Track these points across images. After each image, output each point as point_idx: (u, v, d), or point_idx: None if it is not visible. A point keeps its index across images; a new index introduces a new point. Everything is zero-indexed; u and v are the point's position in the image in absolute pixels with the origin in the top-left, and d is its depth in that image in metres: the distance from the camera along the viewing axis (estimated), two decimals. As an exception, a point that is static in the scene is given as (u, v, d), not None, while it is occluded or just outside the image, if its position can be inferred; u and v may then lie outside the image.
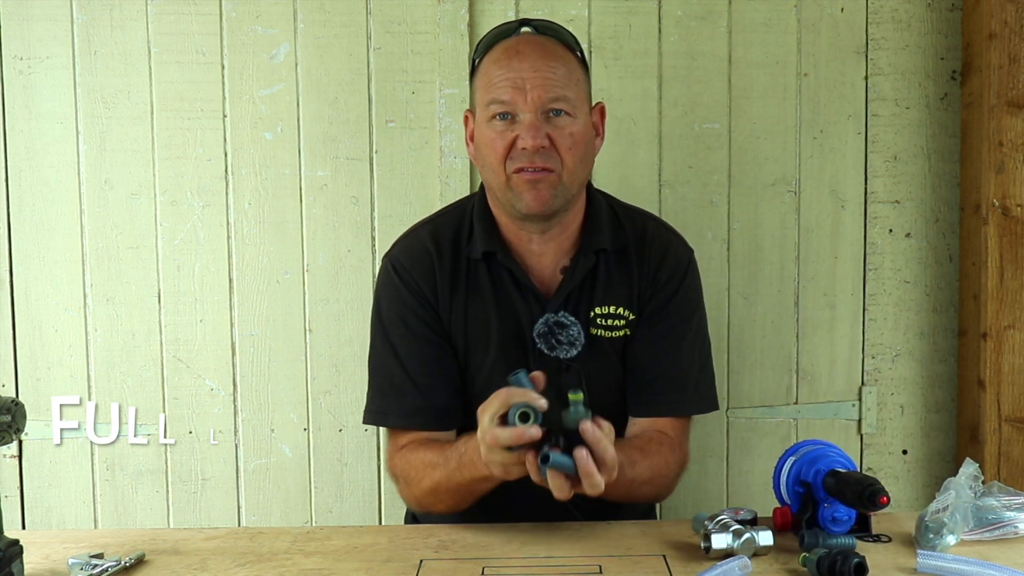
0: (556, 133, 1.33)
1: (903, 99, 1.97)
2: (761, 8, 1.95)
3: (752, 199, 1.98)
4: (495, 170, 1.35)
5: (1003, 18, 1.83)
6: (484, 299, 1.42)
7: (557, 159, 1.33)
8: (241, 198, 1.94)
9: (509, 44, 1.36)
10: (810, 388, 2.00)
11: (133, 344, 1.95)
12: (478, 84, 1.39)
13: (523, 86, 1.32)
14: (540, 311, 1.40)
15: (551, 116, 1.33)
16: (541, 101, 1.32)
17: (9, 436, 1.07)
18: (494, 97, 1.33)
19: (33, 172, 1.93)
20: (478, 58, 1.40)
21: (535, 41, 1.37)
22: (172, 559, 1.19)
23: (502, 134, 1.33)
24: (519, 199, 1.35)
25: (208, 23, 1.91)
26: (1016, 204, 1.86)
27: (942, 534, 1.14)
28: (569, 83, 1.34)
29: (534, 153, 1.31)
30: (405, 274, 1.43)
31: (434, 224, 1.48)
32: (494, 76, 1.34)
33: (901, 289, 2.00)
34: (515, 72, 1.32)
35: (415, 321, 1.42)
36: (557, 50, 1.37)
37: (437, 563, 1.15)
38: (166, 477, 1.97)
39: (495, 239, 1.42)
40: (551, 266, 1.43)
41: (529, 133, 1.31)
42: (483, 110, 1.36)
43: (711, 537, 1.13)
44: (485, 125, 1.36)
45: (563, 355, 1.39)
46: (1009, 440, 1.87)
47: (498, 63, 1.35)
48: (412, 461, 1.37)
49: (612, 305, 1.42)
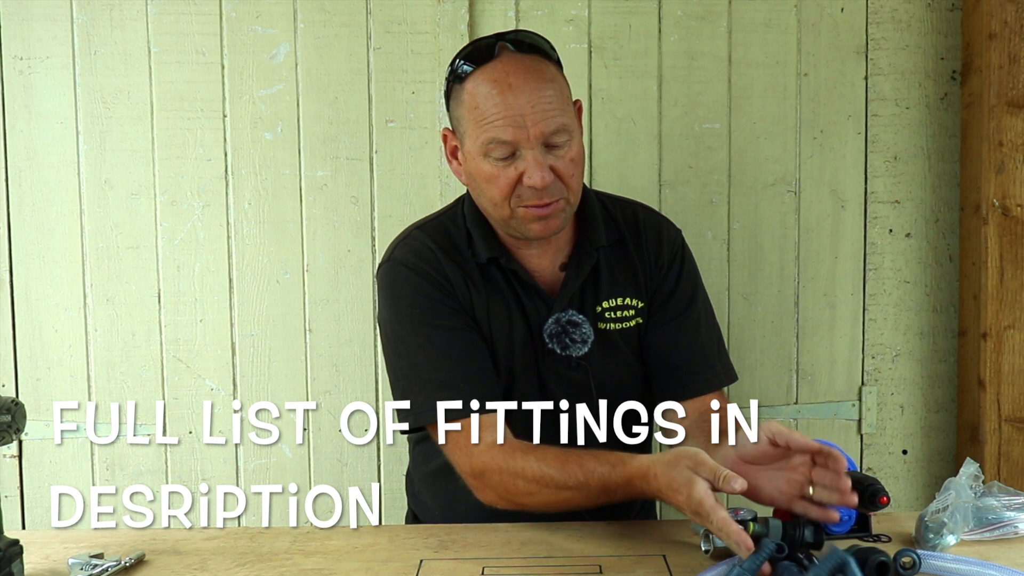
0: (559, 163, 1.30)
1: (903, 99, 1.97)
2: (761, 8, 1.95)
3: (752, 199, 1.98)
4: (497, 204, 1.32)
5: (1003, 18, 1.83)
6: (490, 301, 1.40)
7: (562, 186, 1.31)
8: (241, 198, 1.94)
9: (497, 75, 1.29)
10: (810, 388, 2.00)
11: (133, 344, 1.95)
12: (466, 115, 1.32)
13: (523, 123, 1.27)
14: (547, 311, 1.40)
15: (552, 147, 1.30)
16: (543, 136, 1.28)
17: (9, 436, 1.07)
18: (494, 137, 1.28)
19: (33, 172, 1.93)
20: (456, 80, 1.34)
21: (521, 66, 1.30)
22: (172, 559, 1.19)
23: (504, 172, 1.30)
24: (526, 229, 1.34)
25: (208, 23, 1.91)
26: (1016, 204, 1.86)
27: (942, 534, 1.14)
28: (563, 106, 1.31)
29: (543, 190, 1.29)
30: (421, 268, 1.39)
31: (431, 227, 1.46)
32: (488, 112, 1.29)
33: (901, 289, 2.00)
34: (512, 109, 1.27)
35: (444, 313, 1.37)
36: (544, 70, 1.32)
37: (437, 563, 1.15)
38: (166, 477, 1.97)
39: (495, 245, 1.41)
40: (550, 265, 1.43)
41: (537, 172, 1.28)
42: (477, 143, 1.31)
43: (711, 537, 1.13)
44: (482, 160, 1.31)
45: (575, 353, 1.40)
46: (1009, 440, 1.87)
47: (489, 98, 1.29)
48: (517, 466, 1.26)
49: (619, 297, 1.43)
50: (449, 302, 1.38)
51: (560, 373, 1.41)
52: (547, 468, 1.24)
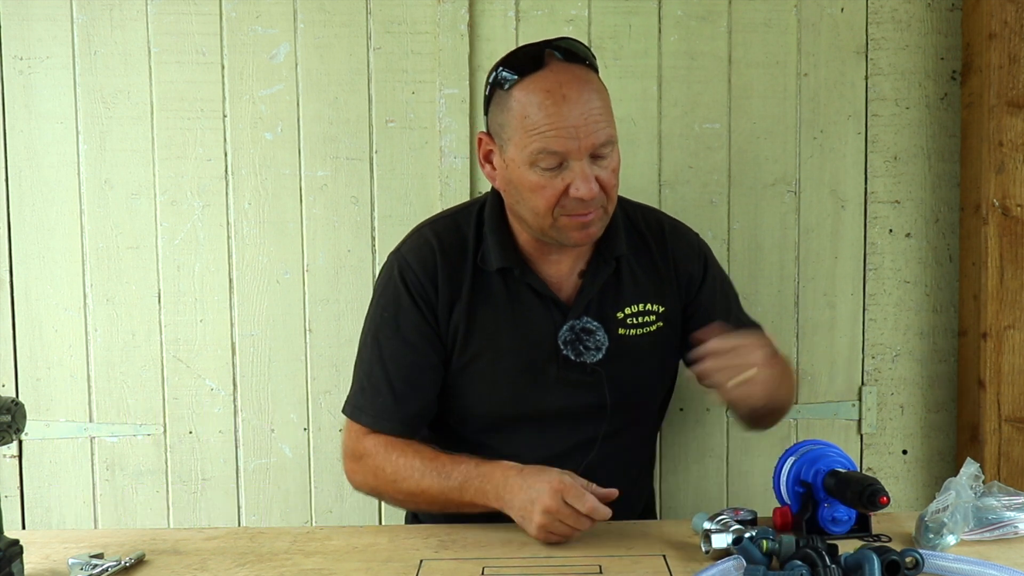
0: (603, 174, 1.32)
1: (903, 99, 1.97)
2: (761, 8, 1.95)
3: (752, 199, 1.98)
4: (540, 214, 1.34)
5: (1003, 18, 1.83)
6: (497, 310, 1.43)
7: (604, 196, 1.34)
8: (241, 198, 1.94)
9: (550, 86, 1.29)
10: (810, 388, 2.00)
11: (133, 344, 1.95)
12: (514, 123, 1.32)
13: (575, 135, 1.28)
14: (562, 319, 1.42)
15: (598, 158, 1.32)
16: (593, 148, 1.30)
17: (9, 436, 1.08)
18: (544, 147, 1.29)
19: (33, 172, 1.93)
20: (499, 87, 1.34)
21: (572, 77, 1.31)
22: (172, 559, 1.19)
23: (552, 182, 1.31)
24: (566, 237, 1.36)
25: (208, 23, 1.91)
26: (1016, 204, 1.86)
27: (942, 534, 1.14)
28: (609, 116, 1.33)
29: (589, 202, 1.31)
30: (410, 275, 1.43)
31: (443, 225, 1.49)
32: (539, 123, 1.29)
33: (901, 289, 2.00)
34: (565, 120, 1.28)
35: (408, 326, 1.43)
36: (592, 80, 1.34)
37: (437, 563, 1.15)
38: (166, 477, 1.96)
39: (511, 254, 1.42)
40: (568, 272, 1.45)
41: (584, 185, 1.29)
42: (525, 153, 1.31)
43: (711, 537, 1.13)
44: (527, 169, 1.31)
45: (590, 360, 1.42)
46: (1009, 440, 1.87)
47: (542, 108, 1.29)
48: (393, 457, 1.37)
49: (641, 303, 1.46)
50: (417, 317, 1.43)
51: (574, 380, 1.43)
52: (416, 461, 1.34)
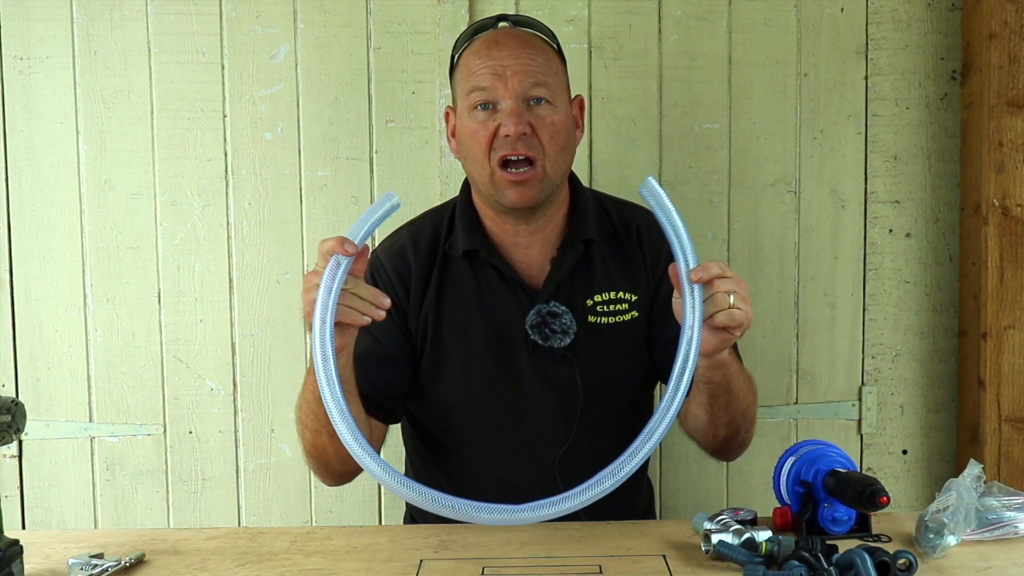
0: (538, 122, 1.35)
1: (903, 99, 1.97)
2: (761, 8, 1.95)
3: (752, 199, 1.98)
4: (479, 161, 1.37)
5: (1003, 18, 1.83)
6: (465, 297, 1.43)
7: (539, 147, 1.35)
8: (241, 198, 1.94)
9: (488, 36, 1.39)
10: (810, 388, 2.00)
11: (133, 344, 1.95)
12: (458, 77, 1.41)
13: (503, 73, 1.34)
14: (530, 304, 1.41)
15: (532, 105, 1.35)
16: (522, 87, 1.34)
17: (9, 436, 1.07)
18: (474, 85, 1.36)
19: (33, 172, 1.93)
20: (456, 54, 1.43)
21: (513, 32, 1.40)
22: (172, 559, 1.19)
23: (484, 124, 1.35)
24: (503, 195, 1.37)
25: (208, 23, 1.91)
26: (1016, 204, 1.86)
27: (942, 534, 1.14)
28: (548, 71, 1.37)
29: (516, 140, 1.33)
30: (381, 272, 1.45)
31: (419, 223, 1.51)
32: (474, 66, 1.37)
33: (901, 289, 2.00)
34: (495, 60, 1.35)
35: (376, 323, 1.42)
36: (535, 41, 1.40)
37: (437, 563, 1.15)
38: (166, 477, 1.96)
39: (478, 236, 1.43)
40: (539, 258, 1.44)
41: (511, 120, 1.33)
42: (464, 100, 1.38)
43: (711, 537, 1.13)
44: (467, 116, 1.38)
45: (557, 344, 1.40)
46: (1009, 440, 1.87)
47: (478, 54, 1.37)
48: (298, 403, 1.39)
49: (613, 291, 1.44)
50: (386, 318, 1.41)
51: (545, 367, 1.42)
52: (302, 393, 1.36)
